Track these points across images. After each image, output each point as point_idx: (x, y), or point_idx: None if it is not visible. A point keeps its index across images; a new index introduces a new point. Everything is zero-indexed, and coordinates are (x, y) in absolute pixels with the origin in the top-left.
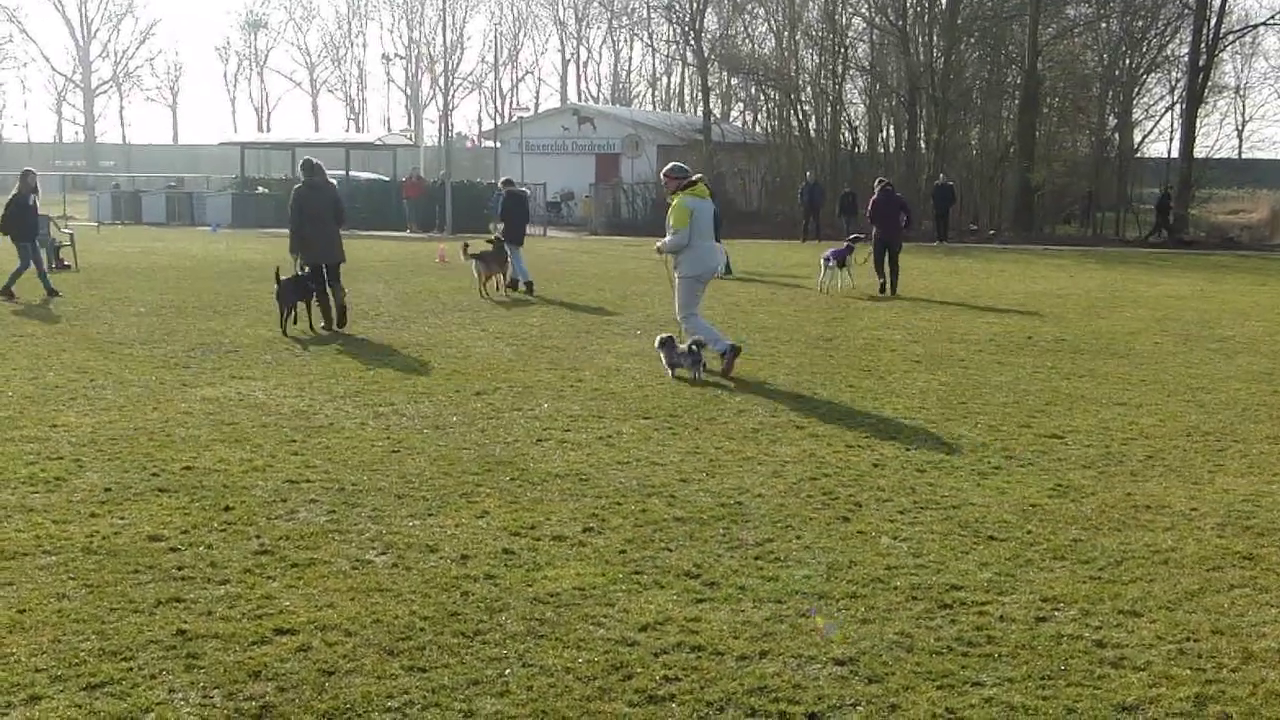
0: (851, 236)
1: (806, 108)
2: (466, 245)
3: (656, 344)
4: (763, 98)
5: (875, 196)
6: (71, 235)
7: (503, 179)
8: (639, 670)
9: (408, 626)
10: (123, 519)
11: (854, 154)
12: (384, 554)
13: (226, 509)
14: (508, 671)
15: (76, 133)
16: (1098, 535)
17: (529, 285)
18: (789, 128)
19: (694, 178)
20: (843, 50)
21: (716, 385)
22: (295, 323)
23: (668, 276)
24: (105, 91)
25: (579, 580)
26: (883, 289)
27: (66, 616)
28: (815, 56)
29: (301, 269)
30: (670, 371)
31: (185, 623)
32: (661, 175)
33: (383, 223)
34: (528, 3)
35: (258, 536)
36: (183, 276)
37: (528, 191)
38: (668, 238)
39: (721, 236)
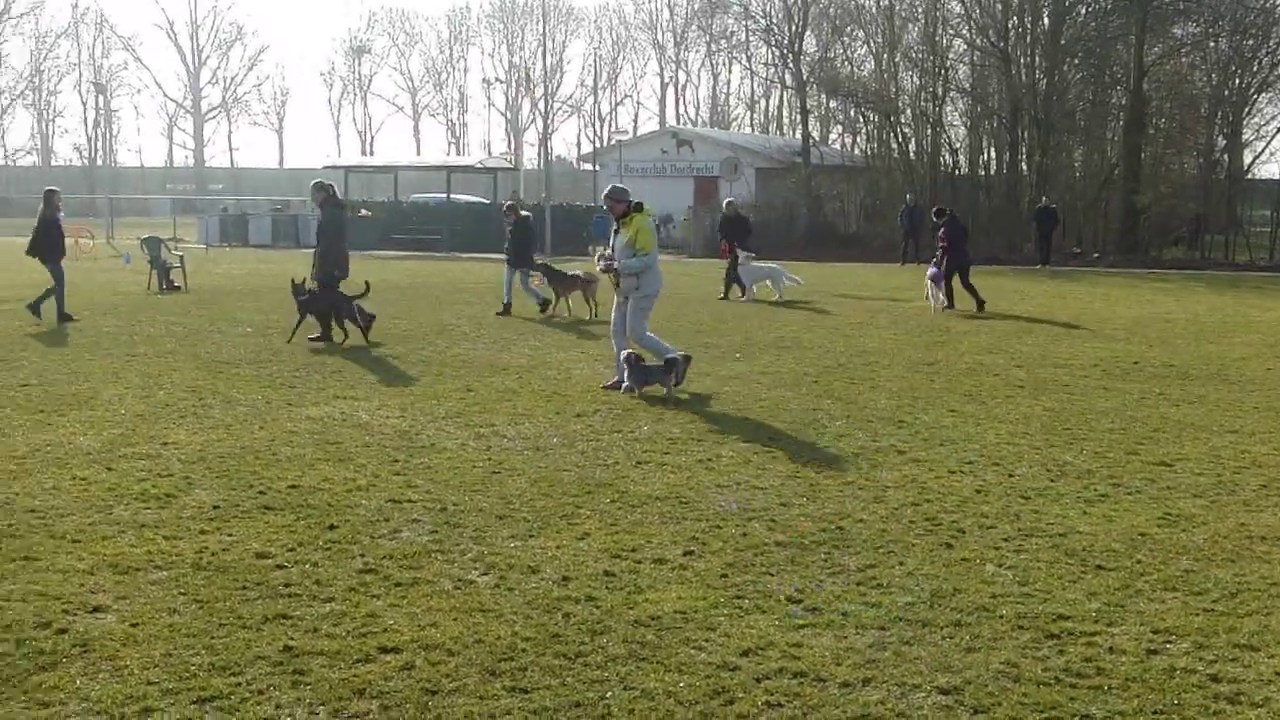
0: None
1: (906, 130)
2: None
3: (622, 359)
4: (862, 120)
5: (946, 223)
6: (181, 257)
7: (507, 202)
8: (740, 695)
9: (510, 647)
10: (231, 536)
11: (954, 176)
12: (486, 574)
13: (331, 527)
14: (609, 694)
15: (186, 157)
16: (1210, 566)
17: (544, 304)
18: (888, 150)
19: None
20: (943, 72)
21: (816, 409)
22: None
23: (616, 293)
24: (214, 117)
25: (680, 604)
26: (981, 305)
27: (177, 631)
28: (915, 78)
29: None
30: (632, 389)
31: (292, 639)
32: (605, 198)
33: (483, 245)
34: (626, 27)
35: (362, 555)
36: (287, 297)
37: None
38: (633, 259)
39: (816, 258)
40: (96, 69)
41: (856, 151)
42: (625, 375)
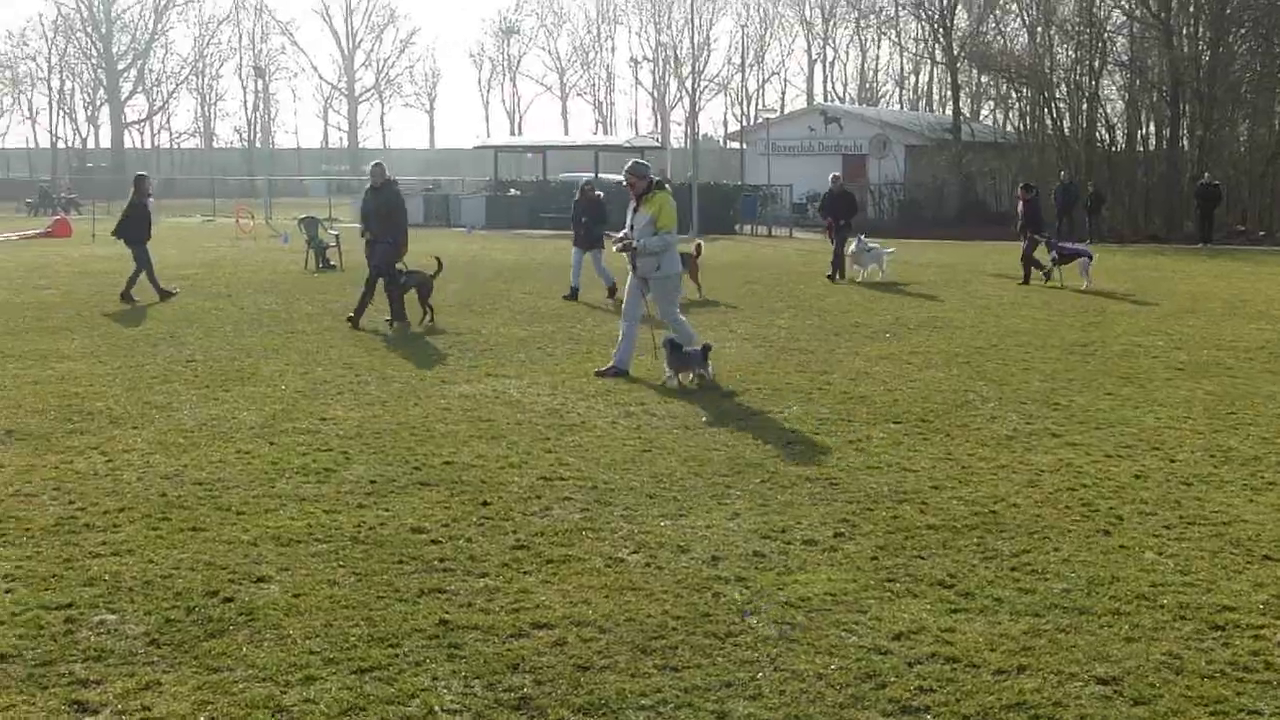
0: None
1: (1061, 105)
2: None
3: (661, 344)
4: (1014, 95)
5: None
6: (337, 237)
7: (584, 180)
8: (892, 679)
9: (660, 625)
10: (387, 510)
11: (1111, 152)
12: (636, 552)
13: (484, 504)
14: (760, 675)
15: (341, 138)
16: None
17: (612, 289)
18: (1042, 126)
19: (657, 177)
20: (1100, 45)
21: (968, 390)
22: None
23: (631, 274)
24: (368, 99)
25: (830, 586)
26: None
27: (337, 602)
28: (1070, 52)
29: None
30: (671, 378)
31: (447, 613)
32: (625, 173)
33: None
34: (774, 3)
35: (514, 531)
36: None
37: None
38: (653, 238)
39: (968, 236)
40: (256, 53)
41: (1009, 128)
42: (664, 362)
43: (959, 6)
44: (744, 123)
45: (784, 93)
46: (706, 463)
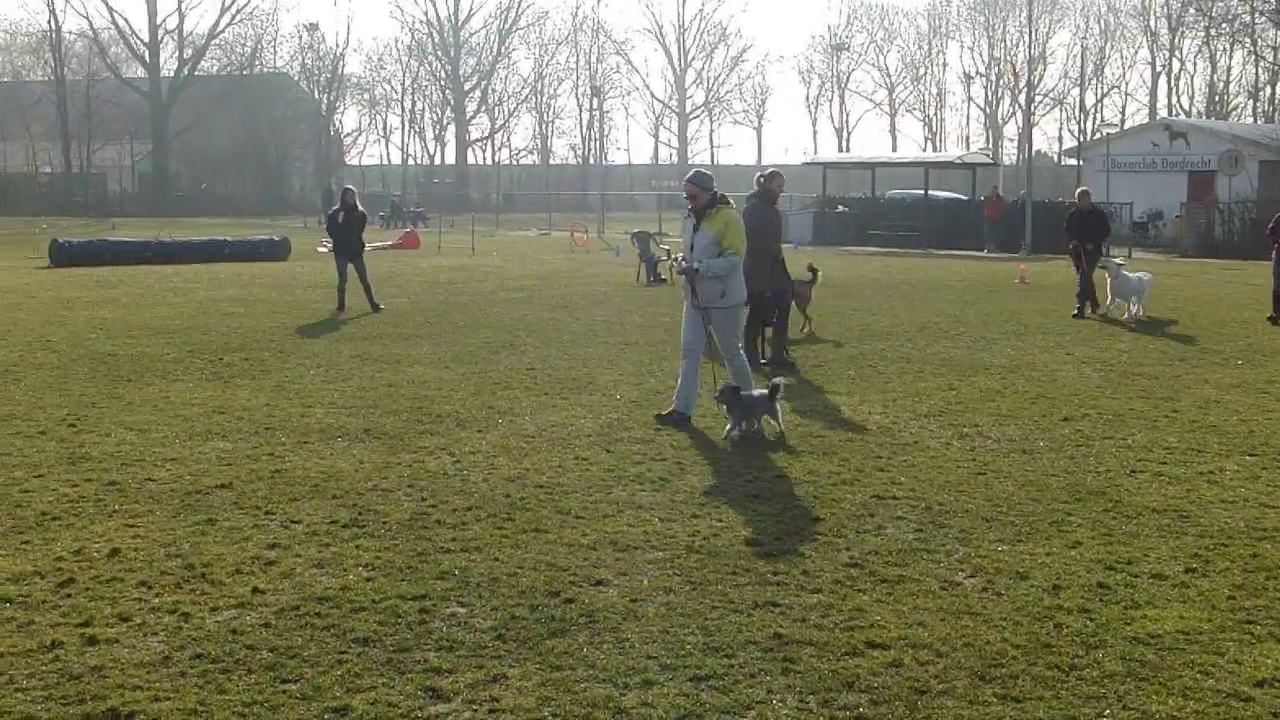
0: None
1: None
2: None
3: (716, 393)
4: None
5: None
6: (668, 251)
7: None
8: None
9: (999, 653)
10: (721, 521)
11: None
12: (973, 577)
13: (816, 519)
14: (1106, 712)
15: (671, 155)
16: None
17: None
18: None
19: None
20: None
21: None
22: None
23: (689, 302)
24: (698, 116)
25: (1182, 624)
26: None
27: (674, 610)
28: None
29: None
30: (736, 427)
31: (781, 627)
32: (686, 183)
33: (960, 242)
34: (1115, 14)
35: (847, 549)
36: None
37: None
38: (719, 259)
39: None
40: (592, 73)
41: None
42: (726, 414)
43: None
44: (1080, 138)
45: (1124, 107)
46: (1045, 488)
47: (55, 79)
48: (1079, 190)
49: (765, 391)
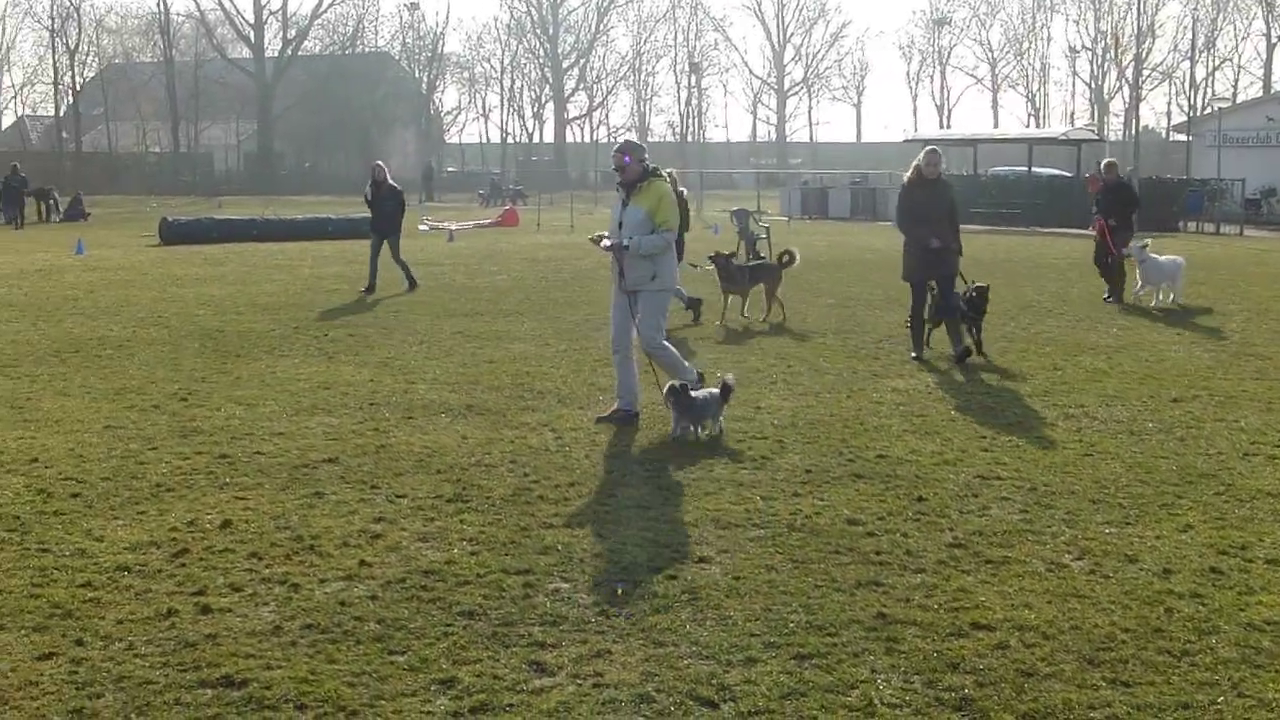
0: None
1: None
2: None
3: (666, 393)
4: None
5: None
6: (767, 229)
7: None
8: None
9: (1108, 637)
10: (822, 500)
11: None
12: (1080, 559)
13: (919, 499)
14: (1220, 699)
15: (769, 132)
16: None
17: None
18: None
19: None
20: None
21: None
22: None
23: (616, 286)
24: (796, 93)
25: None
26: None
27: (776, 588)
28: None
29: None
30: (684, 430)
31: (884, 606)
32: (616, 153)
33: (1066, 219)
34: None
35: (950, 529)
36: (868, 270)
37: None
38: (651, 236)
39: None
40: (690, 50)
41: None
42: (672, 413)
43: None
44: (1190, 113)
45: (1236, 80)
46: (1153, 470)
47: (164, 60)
48: (1105, 161)
49: (716, 391)
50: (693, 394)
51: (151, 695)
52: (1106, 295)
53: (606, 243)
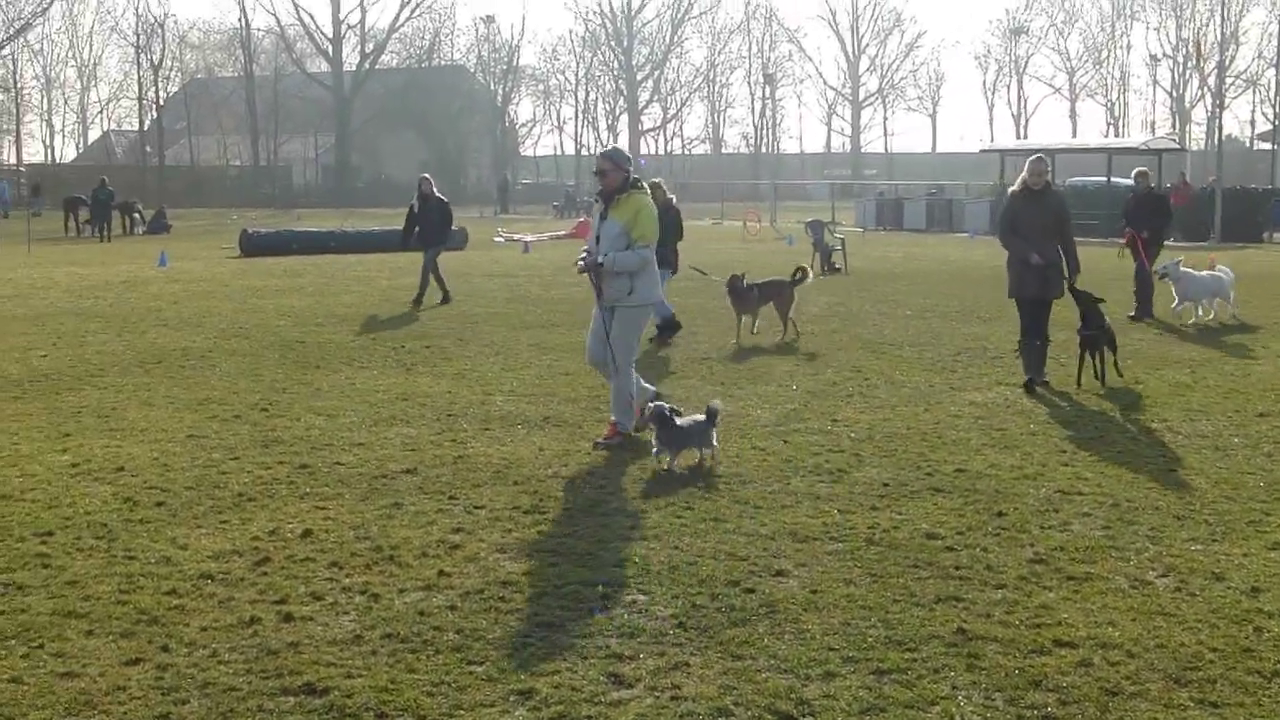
0: None
1: None
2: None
3: (647, 416)
4: None
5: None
6: (842, 240)
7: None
8: None
9: (1195, 656)
10: (901, 514)
11: None
12: (1164, 576)
13: (999, 514)
14: None
15: (843, 143)
16: None
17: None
18: None
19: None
20: None
21: None
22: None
23: (596, 303)
24: (871, 103)
25: None
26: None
27: (854, 602)
28: None
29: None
30: (670, 458)
31: (964, 622)
32: (600, 158)
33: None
34: None
35: (1031, 544)
36: (944, 282)
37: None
38: (627, 252)
39: None
40: (765, 61)
41: None
42: (653, 439)
43: None
44: (1275, 122)
45: None
46: (1240, 486)
47: (244, 75)
48: (1136, 170)
49: (703, 418)
50: (678, 421)
51: (235, 702)
52: (1132, 313)
53: (582, 263)
